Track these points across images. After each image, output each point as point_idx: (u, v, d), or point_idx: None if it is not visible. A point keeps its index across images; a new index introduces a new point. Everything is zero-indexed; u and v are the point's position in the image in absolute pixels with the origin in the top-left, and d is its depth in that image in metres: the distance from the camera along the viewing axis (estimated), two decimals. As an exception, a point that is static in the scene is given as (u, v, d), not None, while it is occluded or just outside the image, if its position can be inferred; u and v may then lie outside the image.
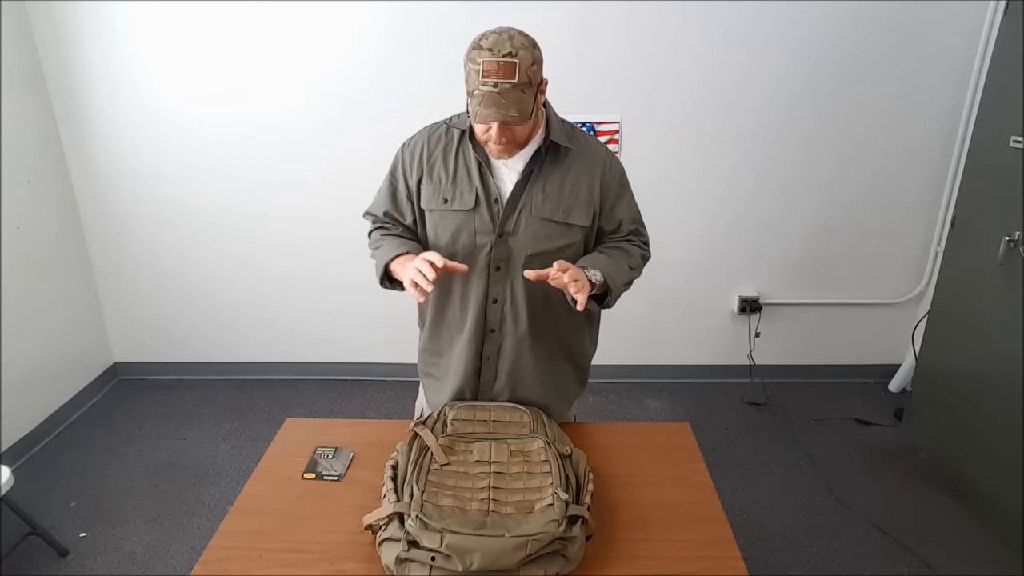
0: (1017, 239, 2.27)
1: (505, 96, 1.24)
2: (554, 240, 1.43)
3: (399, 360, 2.96)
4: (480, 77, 1.24)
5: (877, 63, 2.80)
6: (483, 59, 1.24)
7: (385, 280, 1.49)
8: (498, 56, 1.24)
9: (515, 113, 1.26)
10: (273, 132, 2.91)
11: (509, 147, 1.36)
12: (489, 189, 1.41)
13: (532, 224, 1.42)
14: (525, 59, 1.25)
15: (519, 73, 1.24)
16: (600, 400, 3.17)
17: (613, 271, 1.42)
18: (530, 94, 1.28)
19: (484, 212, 1.42)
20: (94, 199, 3.03)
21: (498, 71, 1.23)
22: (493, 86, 1.24)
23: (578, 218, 1.44)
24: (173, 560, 2.22)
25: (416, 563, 1.10)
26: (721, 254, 3.14)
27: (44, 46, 2.78)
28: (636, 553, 1.21)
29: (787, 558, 2.24)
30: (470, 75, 1.28)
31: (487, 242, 1.43)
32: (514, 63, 1.24)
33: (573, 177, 1.44)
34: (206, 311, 3.23)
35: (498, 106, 1.25)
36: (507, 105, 1.25)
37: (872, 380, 3.35)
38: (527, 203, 1.41)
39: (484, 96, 1.25)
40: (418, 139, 1.50)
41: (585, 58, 2.77)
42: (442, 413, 1.44)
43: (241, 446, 2.83)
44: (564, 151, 1.44)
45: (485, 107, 1.25)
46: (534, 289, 1.45)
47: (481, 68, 1.24)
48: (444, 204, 1.43)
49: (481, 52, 1.25)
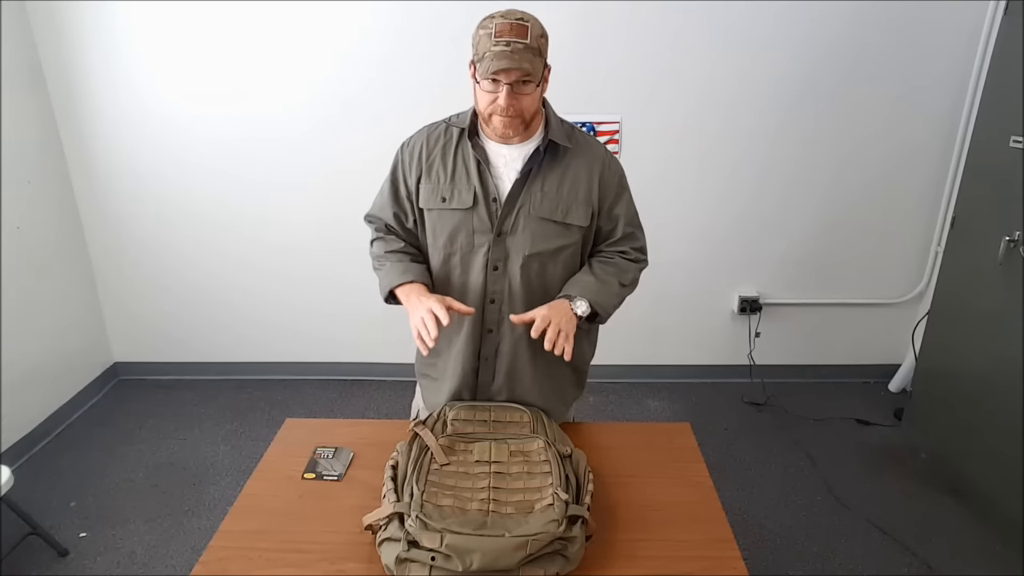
0: (1017, 239, 2.27)
1: (517, 54, 1.27)
2: (552, 240, 1.43)
3: (399, 360, 2.96)
4: (492, 39, 1.27)
5: (877, 63, 2.80)
6: (496, 23, 1.28)
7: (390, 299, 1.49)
8: (511, 19, 1.28)
9: (527, 65, 1.27)
10: (273, 132, 2.91)
11: (514, 122, 1.35)
12: (487, 188, 1.41)
13: (530, 224, 1.41)
14: (536, 27, 1.30)
15: (531, 36, 1.28)
16: (600, 400, 3.17)
17: (603, 297, 1.43)
18: (539, 63, 1.31)
19: (482, 211, 1.41)
20: (94, 199, 3.03)
21: (511, 31, 1.27)
22: (506, 44, 1.26)
23: (576, 218, 1.43)
24: (173, 560, 2.22)
25: (416, 563, 1.10)
26: (721, 254, 3.13)
27: (44, 46, 2.78)
28: (636, 553, 1.21)
29: (787, 558, 2.24)
30: (481, 41, 1.29)
31: (485, 241, 1.42)
32: (526, 25, 1.28)
33: (572, 177, 1.43)
34: (206, 311, 3.23)
35: (510, 60, 1.26)
36: (519, 60, 1.27)
37: (872, 380, 3.35)
38: (525, 202, 1.41)
39: (496, 54, 1.27)
40: (417, 139, 1.49)
41: (585, 58, 2.77)
42: (442, 413, 1.44)
43: (241, 446, 2.83)
44: (563, 151, 1.43)
45: (498, 61, 1.26)
46: (532, 289, 1.45)
47: (493, 31, 1.27)
48: (442, 203, 1.43)
49: (493, 19, 1.29)
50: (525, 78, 1.30)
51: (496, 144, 1.43)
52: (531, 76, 1.29)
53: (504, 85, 1.29)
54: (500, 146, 1.43)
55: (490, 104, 1.34)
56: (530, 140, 1.43)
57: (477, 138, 1.44)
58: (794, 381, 3.31)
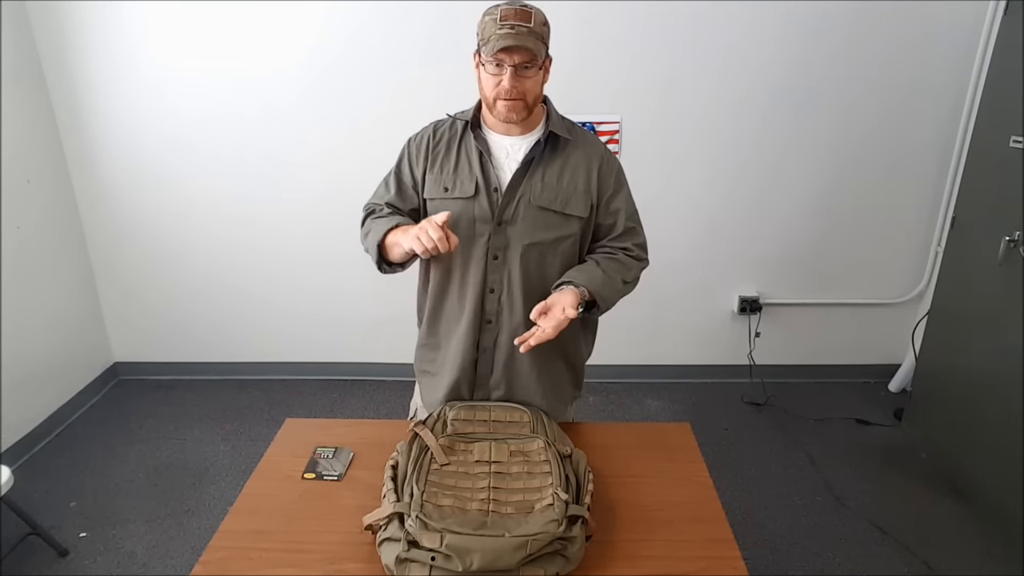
0: (1017, 239, 2.27)
1: (521, 36, 1.32)
2: (552, 230, 1.46)
3: (399, 360, 2.96)
4: (498, 23, 1.32)
5: (877, 63, 2.80)
6: (501, 9, 1.34)
7: (383, 264, 1.49)
8: (515, 6, 1.34)
9: (531, 45, 1.32)
10: (274, 132, 2.91)
11: (518, 105, 1.38)
12: (489, 178, 1.44)
13: (530, 213, 1.44)
14: (539, 15, 1.36)
15: (535, 21, 1.34)
16: (600, 400, 3.17)
17: (605, 290, 1.45)
18: (542, 48, 1.36)
19: (483, 200, 1.44)
20: (94, 199, 3.03)
21: (515, 15, 1.33)
22: (511, 27, 1.32)
23: (576, 208, 1.46)
24: (173, 560, 2.21)
25: (416, 563, 1.10)
26: (721, 254, 3.13)
27: (44, 46, 2.78)
28: (636, 553, 1.21)
29: (787, 558, 2.24)
30: (487, 26, 1.35)
31: (485, 230, 1.45)
32: (530, 11, 1.34)
33: (572, 168, 1.46)
34: (206, 311, 3.23)
35: (516, 39, 1.31)
36: (524, 40, 1.31)
37: (872, 380, 3.35)
38: (526, 191, 1.44)
39: (501, 35, 1.32)
40: (424, 132, 1.54)
41: (585, 58, 2.77)
42: (442, 413, 1.44)
43: (241, 446, 2.83)
44: (564, 142, 1.47)
45: (503, 40, 1.31)
46: (530, 280, 1.48)
47: (498, 16, 1.33)
48: (445, 192, 1.46)
49: (499, 7, 1.35)
50: (528, 62, 1.34)
51: (498, 136, 1.47)
52: (534, 59, 1.34)
53: (508, 67, 1.34)
54: (502, 137, 1.47)
55: (495, 88, 1.37)
56: (531, 132, 1.47)
57: (480, 130, 1.48)
58: (794, 381, 3.31)
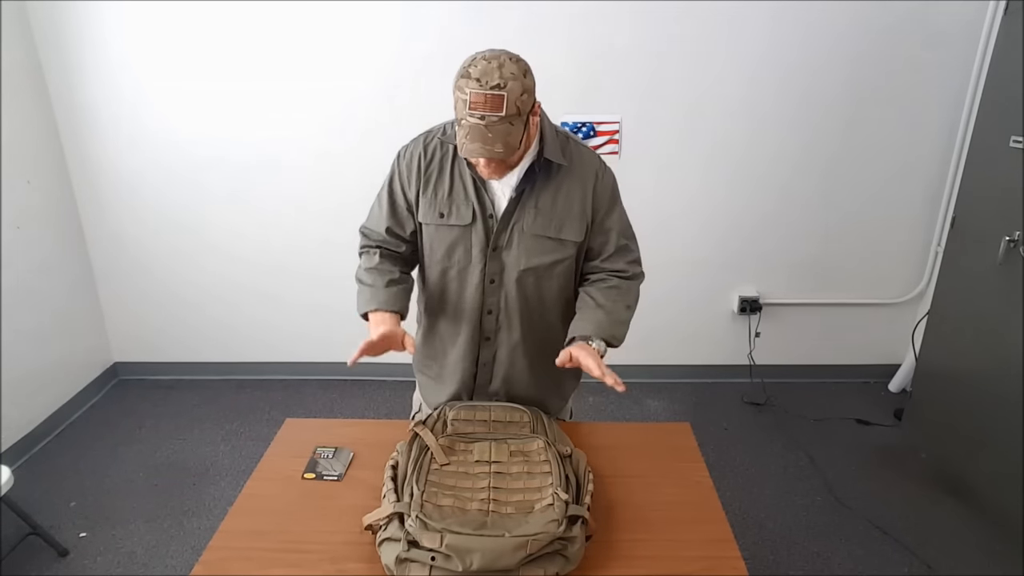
0: (1017, 239, 2.27)
1: (492, 129, 1.21)
2: (547, 255, 1.44)
3: (399, 360, 2.96)
4: (467, 108, 1.21)
5: (877, 63, 2.80)
6: (471, 89, 1.20)
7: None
8: (486, 88, 1.19)
9: (500, 149, 1.23)
10: (274, 131, 2.91)
11: (499, 170, 1.34)
12: (485, 205, 1.41)
13: (524, 240, 1.42)
14: (514, 90, 1.21)
15: (507, 106, 1.20)
16: (600, 400, 3.17)
17: (614, 328, 1.44)
18: (519, 125, 1.25)
19: (480, 228, 1.42)
20: (94, 199, 3.03)
21: (485, 104, 1.19)
22: (480, 119, 1.20)
23: (570, 233, 1.44)
24: (173, 560, 2.22)
25: (416, 563, 1.10)
26: (721, 254, 3.13)
27: (44, 46, 2.78)
28: (636, 553, 1.21)
29: (787, 558, 2.24)
30: (458, 103, 1.24)
31: (481, 256, 1.44)
32: (502, 96, 1.19)
33: (566, 192, 1.42)
34: (206, 311, 3.23)
35: (484, 140, 1.22)
36: (493, 139, 1.22)
37: (872, 380, 3.34)
38: (519, 220, 1.41)
39: (471, 129, 1.22)
40: (414, 149, 1.46)
41: (585, 58, 2.77)
42: (442, 413, 1.44)
43: (241, 446, 2.83)
44: (557, 166, 1.42)
45: (471, 141, 1.23)
46: (528, 301, 1.47)
47: (469, 99, 1.20)
48: (440, 219, 1.43)
49: (469, 82, 1.21)
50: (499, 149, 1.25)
51: None
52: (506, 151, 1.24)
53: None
54: None
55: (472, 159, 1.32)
56: (524, 158, 1.40)
57: None
58: (794, 381, 3.31)
